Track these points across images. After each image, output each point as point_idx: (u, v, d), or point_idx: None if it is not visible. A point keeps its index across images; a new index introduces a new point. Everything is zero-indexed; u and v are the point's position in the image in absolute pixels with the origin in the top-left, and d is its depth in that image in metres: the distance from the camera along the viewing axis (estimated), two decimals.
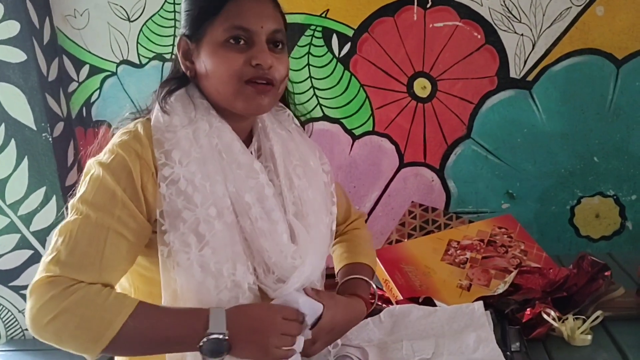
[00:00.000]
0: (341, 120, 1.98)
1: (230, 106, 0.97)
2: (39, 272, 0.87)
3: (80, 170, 2.15)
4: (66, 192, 2.07)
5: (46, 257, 0.87)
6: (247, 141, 1.04)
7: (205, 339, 0.86)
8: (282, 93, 1.06)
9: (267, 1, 0.98)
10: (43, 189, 2.04)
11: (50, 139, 2.00)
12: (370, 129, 1.97)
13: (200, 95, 1.00)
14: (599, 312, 1.25)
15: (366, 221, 2.04)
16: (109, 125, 2.11)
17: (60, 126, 2.04)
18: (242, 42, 0.94)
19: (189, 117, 0.96)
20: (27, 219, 2.07)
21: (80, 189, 0.92)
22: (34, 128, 1.99)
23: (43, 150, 2.01)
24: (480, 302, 1.24)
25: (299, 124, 1.14)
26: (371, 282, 1.16)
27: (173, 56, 1.05)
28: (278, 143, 1.05)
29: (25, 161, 2.01)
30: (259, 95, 0.95)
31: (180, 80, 1.02)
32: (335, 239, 1.24)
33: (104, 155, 0.93)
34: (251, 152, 1.03)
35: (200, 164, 0.93)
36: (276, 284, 0.96)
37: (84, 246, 0.87)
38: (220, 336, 0.86)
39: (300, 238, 1.00)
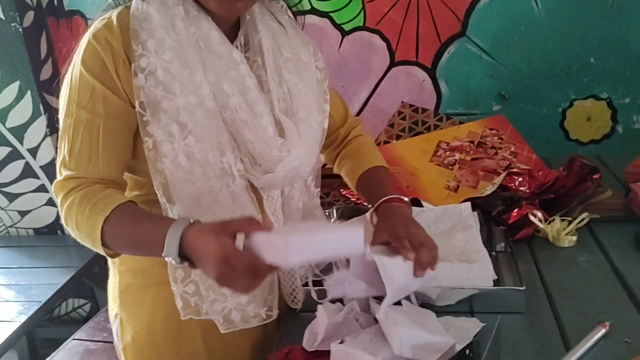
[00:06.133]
0: (330, 13, 1.88)
1: (203, 2, 0.92)
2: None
3: (55, 64, 2.06)
4: (42, 87, 1.98)
5: (57, 161, 0.93)
6: (233, 34, 0.99)
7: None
8: None
9: None
10: (17, 84, 1.95)
11: (20, 30, 1.89)
12: (361, 24, 1.88)
13: None
14: (585, 214, 1.25)
15: None
16: (83, 16, 2.01)
17: (30, 15, 1.92)
18: None
19: (165, 3, 0.92)
20: (2, 115, 2.00)
21: (69, 88, 0.92)
22: (2, 17, 1.87)
23: (14, 42, 1.90)
24: (468, 203, 1.23)
25: (292, 16, 1.08)
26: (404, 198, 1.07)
27: None
28: (268, 36, 1.00)
29: None
30: (231, 1, 0.89)
31: None
32: (337, 146, 1.20)
33: (80, 48, 0.92)
34: (237, 47, 0.98)
35: (176, 51, 0.90)
36: (263, 176, 0.96)
37: (80, 144, 0.90)
38: (172, 260, 0.82)
39: (288, 132, 0.97)
